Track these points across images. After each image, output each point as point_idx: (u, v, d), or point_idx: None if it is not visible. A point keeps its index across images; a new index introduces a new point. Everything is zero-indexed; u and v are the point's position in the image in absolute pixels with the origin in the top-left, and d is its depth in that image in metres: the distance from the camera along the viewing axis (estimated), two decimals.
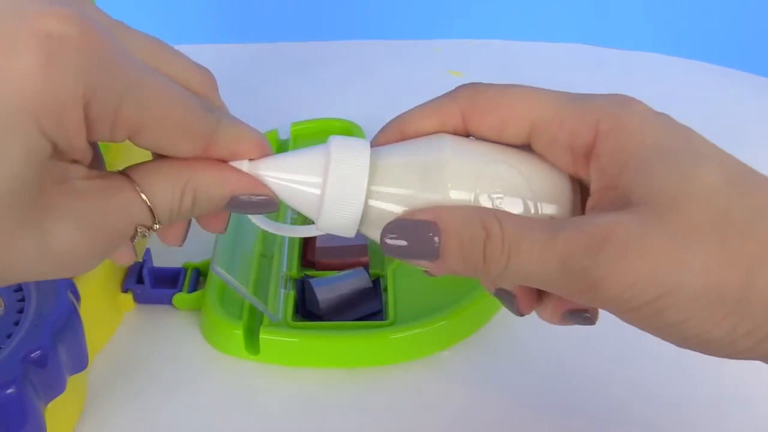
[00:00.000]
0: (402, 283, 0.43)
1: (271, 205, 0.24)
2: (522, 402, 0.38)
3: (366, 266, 0.44)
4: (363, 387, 0.40)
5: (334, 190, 0.23)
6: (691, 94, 0.70)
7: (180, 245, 0.26)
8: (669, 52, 0.77)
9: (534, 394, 0.39)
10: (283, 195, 0.24)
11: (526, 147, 0.24)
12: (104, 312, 0.42)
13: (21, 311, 0.32)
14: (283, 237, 0.46)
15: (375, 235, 0.24)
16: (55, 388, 0.32)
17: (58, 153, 0.19)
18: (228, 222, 0.27)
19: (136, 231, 0.22)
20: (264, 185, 0.24)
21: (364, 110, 0.64)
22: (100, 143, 0.23)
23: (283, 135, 0.59)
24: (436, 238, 0.21)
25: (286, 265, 0.45)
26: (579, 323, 0.26)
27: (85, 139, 0.20)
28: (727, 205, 0.19)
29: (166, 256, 0.48)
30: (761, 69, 0.74)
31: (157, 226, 0.23)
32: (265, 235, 0.46)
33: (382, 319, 0.41)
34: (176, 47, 0.24)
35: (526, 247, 0.20)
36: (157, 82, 0.21)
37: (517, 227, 0.21)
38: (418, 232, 0.22)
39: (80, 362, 0.34)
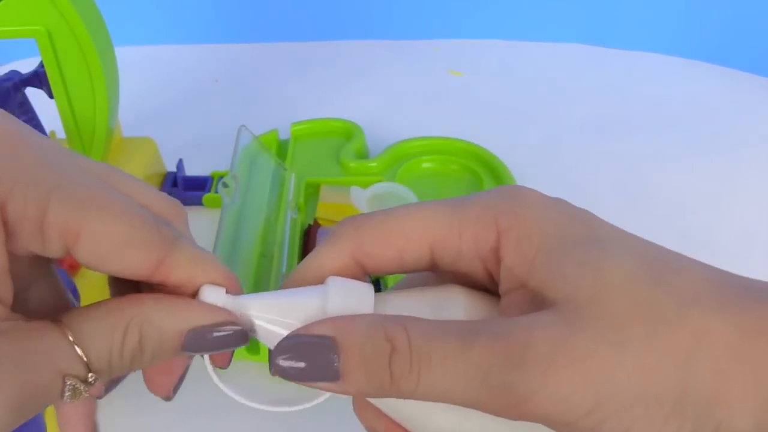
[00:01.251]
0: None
1: (241, 338, 0.20)
2: None
3: None
4: None
5: None
6: (691, 94, 0.70)
7: (170, 397, 0.22)
8: (669, 52, 0.77)
9: None
10: (270, 340, 0.20)
11: (432, 269, 0.22)
12: None
13: None
14: (283, 237, 0.46)
15: None
16: None
17: None
18: (180, 380, 0.22)
19: (65, 385, 0.18)
20: (230, 312, 0.20)
21: (364, 110, 0.64)
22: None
23: (283, 135, 0.59)
24: (335, 356, 0.18)
25: (286, 265, 0.45)
26: None
27: (4, 249, 0.17)
28: (650, 294, 0.17)
29: None
30: (761, 69, 0.74)
31: (93, 378, 0.18)
32: (265, 235, 0.46)
33: None
34: (177, 47, 0.24)
35: (437, 359, 0.17)
36: (95, 183, 0.18)
37: (427, 335, 0.18)
38: (315, 349, 0.18)
39: None
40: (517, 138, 0.62)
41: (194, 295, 0.20)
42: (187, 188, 0.54)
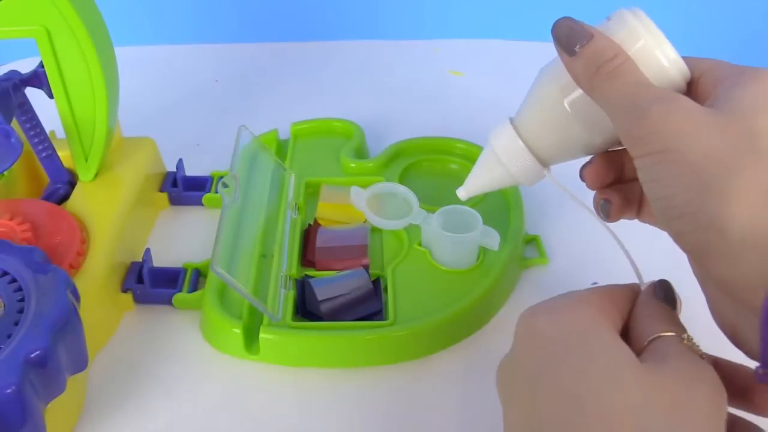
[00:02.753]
0: (402, 283, 0.43)
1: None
2: None
3: (366, 266, 0.44)
4: (363, 387, 0.40)
5: (506, 159, 0.34)
6: None
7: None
8: None
9: None
10: (491, 187, 0.36)
11: None
12: (104, 312, 0.42)
13: (21, 311, 0.32)
14: (283, 237, 0.46)
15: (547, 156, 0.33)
16: (55, 388, 0.32)
17: None
18: None
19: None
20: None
21: (364, 110, 0.64)
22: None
23: (283, 135, 0.59)
24: (581, 42, 0.28)
25: (286, 265, 0.45)
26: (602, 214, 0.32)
27: None
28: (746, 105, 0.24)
29: (166, 256, 0.48)
30: None
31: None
32: (265, 235, 0.46)
33: (382, 319, 0.41)
34: (177, 47, 0.24)
35: (623, 78, 0.26)
36: None
37: (630, 70, 0.27)
38: (578, 33, 0.28)
39: (80, 362, 0.34)
40: None
41: None
42: (187, 188, 0.54)
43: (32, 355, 0.30)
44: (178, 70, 0.74)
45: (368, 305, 0.42)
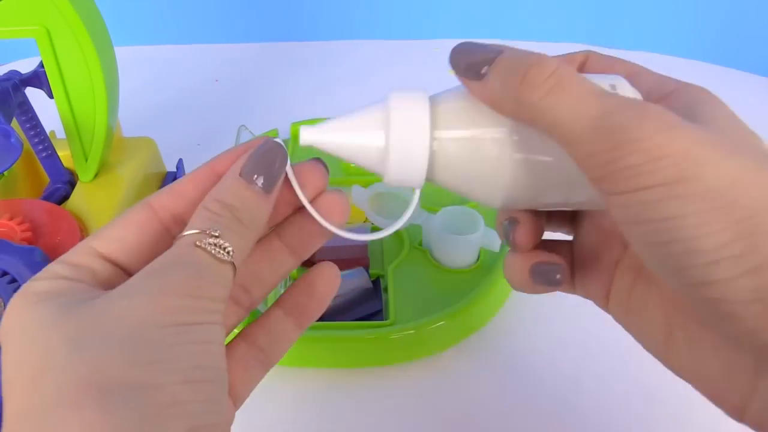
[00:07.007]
0: (402, 283, 0.43)
1: (277, 149, 0.25)
2: (521, 402, 0.38)
3: (366, 266, 0.44)
4: (363, 387, 0.40)
5: (397, 137, 0.23)
6: None
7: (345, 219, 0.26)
8: (669, 52, 0.77)
9: (532, 394, 0.39)
10: (346, 154, 0.25)
11: None
12: None
13: None
14: None
15: (444, 177, 0.24)
16: None
17: None
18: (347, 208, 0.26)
19: (203, 247, 0.21)
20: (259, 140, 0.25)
21: None
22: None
23: (283, 135, 0.59)
24: (488, 65, 0.22)
25: None
26: (545, 282, 0.25)
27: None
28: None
29: None
30: (761, 69, 0.74)
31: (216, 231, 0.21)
32: None
33: (382, 319, 0.41)
34: (177, 47, 0.24)
35: (573, 86, 0.19)
36: None
37: (574, 72, 0.20)
38: (479, 51, 0.22)
39: None
40: None
41: None
42: None
43: None
44: (178, 70, 0.74)
45: (368, 305, 0.42)
